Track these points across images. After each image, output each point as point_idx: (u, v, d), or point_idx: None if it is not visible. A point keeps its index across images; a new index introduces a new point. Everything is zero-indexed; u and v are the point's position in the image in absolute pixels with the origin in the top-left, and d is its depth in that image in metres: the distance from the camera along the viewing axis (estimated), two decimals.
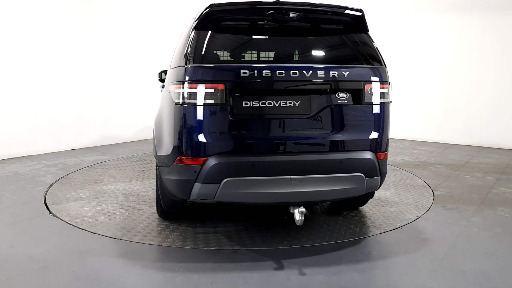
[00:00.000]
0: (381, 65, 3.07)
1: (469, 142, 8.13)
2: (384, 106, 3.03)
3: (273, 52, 3.19)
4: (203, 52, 2.86)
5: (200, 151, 2.78)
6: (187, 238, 3.26)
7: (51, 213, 3.80)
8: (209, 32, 2.94)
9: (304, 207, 2.90)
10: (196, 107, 2.76)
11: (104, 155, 6.54)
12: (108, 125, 7.59)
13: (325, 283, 2.58)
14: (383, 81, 3.02)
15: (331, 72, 2.86)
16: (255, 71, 2.77)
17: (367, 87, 2.94)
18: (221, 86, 2.73)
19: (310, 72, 2.83)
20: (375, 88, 2.97)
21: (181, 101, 2.80)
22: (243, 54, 3.20)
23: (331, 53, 3.14)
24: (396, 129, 8.87)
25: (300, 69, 2.84)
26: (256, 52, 3.28)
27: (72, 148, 6.96)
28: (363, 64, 3.05)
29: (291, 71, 2.81)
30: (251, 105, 2.80)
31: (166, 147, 3.02)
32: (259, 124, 2.85)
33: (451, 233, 3.43)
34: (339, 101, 2.90)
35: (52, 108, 6.68)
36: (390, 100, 3.09)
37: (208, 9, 2.90)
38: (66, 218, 3.67)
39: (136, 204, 4.09)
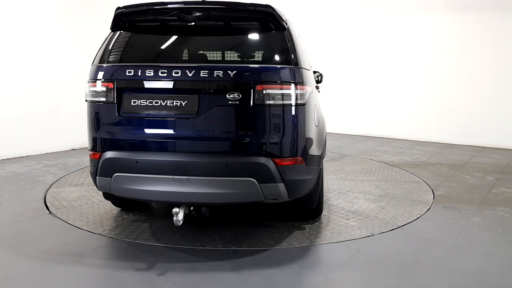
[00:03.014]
0: (288, 64, 2.85)
1: (469, 142, 8.13)
2: (286, 108, 2.80)
3: (176, 52, 3.13)
4: (106, 53, 3.04)
5: (96, 146, 2.97)
6: (118, 227, 3.46)
7: (51, 213, 3.81)
8: (119, 33, 3.10)
9: (192, 208, 3.02)
10: (93, 105, 2.99)
11: None
12: None
13: (324, 282, 2.58)
14: (283, 82, 2.79)
15: (215, 72, 2.75)
16: (139, 70, 2.83)
17: (259, 87, 2.75)
18: (110, 85, 2.89)
19: (193, 71, 2.76)
20: (272, 89, 2.77)
21: (85, 99, 3.05)
22: (145, 53, 3.15)
23: (233, 52, 3.08)
24: (396, 129, 8.89)
25: (182, 68, 2.79)
26: (159, 51, 3.18)
27: (72, 148, 6.96)
28: (262, 63, 2.93)
29: (173, 71, 2.78)
30: (139, 104, 2.87)
31: None
32: (144, 122, 2.88)
33: (451, 233, 3.43)
34: (230, 102, 2.76)
35: (52, 108, 6.68)
36: (296, 102, 2.83)
37: (116, 12, 3.01)
38: (50, 200, 4.17)
39: None
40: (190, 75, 2.77)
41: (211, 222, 3.57)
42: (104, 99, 2.92)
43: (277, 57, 2.94)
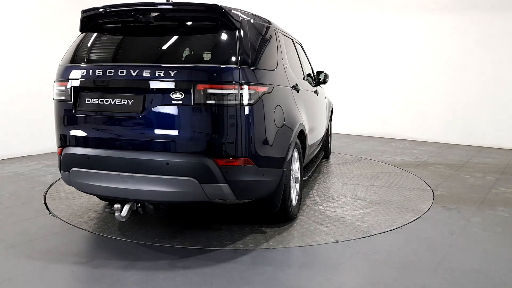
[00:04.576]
0: (235, 64, 2.82)
1: (469, 142, 8.14)
2: (229, 108, 2.77)
3: (129, 52, 3.17)
4: (70, 53, 3.20)
5: (59, 142, 3.19)
6: (93, 219, 3.60)
7: (51, 213, 3.81)
8: (85, 34, 3.25)
9: (138, 204, 3.14)
10: (56, 103, 3.21)
11: None
12: None
13: (324, 282, 2.58)
14: (225, 82, 2.77)
15: (157, 71, 2.78)
16: (90, 70, 2.97)
17: (200, 87, 2.74)
18: (67, 84, 3.08)
19: (137, 71, 2.82)
20: (213, 89, 2.75)
21: (52, 97, 3.26)
22: (102, 53, 3.22)
23: (182, 52, 3.07)
24: (396, 129, 8.90)
25: (127, 68, 2.86)
26: (115, 51, 3.22)
27: None
28: (207, 63, 2.90)
29: (119, 71, 2.86)
30: (92, 102, 3.01)
31: None
32: (96, 120, 3.02)
33: (451, 233, 3.44)
34: (173, 101, 2.78)
35: (52, 108, 6.67)
36: (241, 103, 2.79)
37: (81, 15, 3.16)
38: (51, 191, 4.49)
39: None
40: (134, 74, 2.84)
41: (181, 220, 3.65)
42: (63, 98, 3.12)
43: (224, 57, 2.90)
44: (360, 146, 7.82)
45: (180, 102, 2.78)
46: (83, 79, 3.00)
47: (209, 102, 2.76)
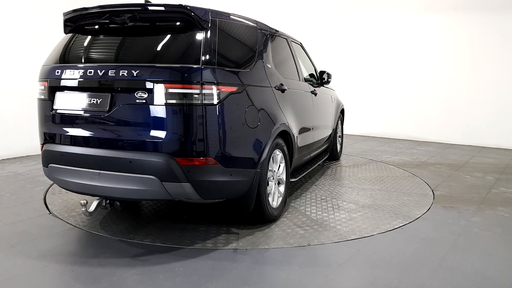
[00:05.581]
0: (198, 64, 2.83)
1: (469, 142, 8.14)
2: (191, 107, 2.78)
3: (101, 53, 3.22)
4: (52, 54, 3.33)
5: (41, 139, 3.35)
6: (81, 215, 3.78)
7: (51, 213, 3.81)
8: (68, 35, 3.36)
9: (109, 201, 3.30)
10: (38, 101, 3.37)
11: None
12: None
13: (324, 282, 2.58)
14: (187, 81, 2.78)
15: (121, 71, 2.84)
16: (64, 70, 3.10)
17: (161, 86, 2.77)
18: (45, 84, 3.23)
19: (103, 71, 2.90)
20: (175, 88, 2.78)
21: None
22: (78, 54, 3.27)
23: (149, 52, 3.08)
24: (396, 129, 8.90)
25: (95, 68, 2.94)
26: (88, 52, 3.25)
27: None
28: (171, 63, 2.88)
29: (88, 71, 2.96)
30: (65, 101, 3.13)
31: None
32: (69, 118, 3.12)
33: (451, 233, 3.44)
34: (137, 100, 2.82)
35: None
36: (204, 102, 2.80)
37: (63, 17, 3.32)
38: (54, 186, 4.62)
39: None
40: (100, 74, 2.91)
41: (164, 218, 3.70)
42: (43, 97, 3.27)
43: (188, 57, 2.91)
44: (360, 146, 7.82)
45: (144, 101, 2.82)
46: (57, 79, 3.12)
47: (170, 101, 2.79)
